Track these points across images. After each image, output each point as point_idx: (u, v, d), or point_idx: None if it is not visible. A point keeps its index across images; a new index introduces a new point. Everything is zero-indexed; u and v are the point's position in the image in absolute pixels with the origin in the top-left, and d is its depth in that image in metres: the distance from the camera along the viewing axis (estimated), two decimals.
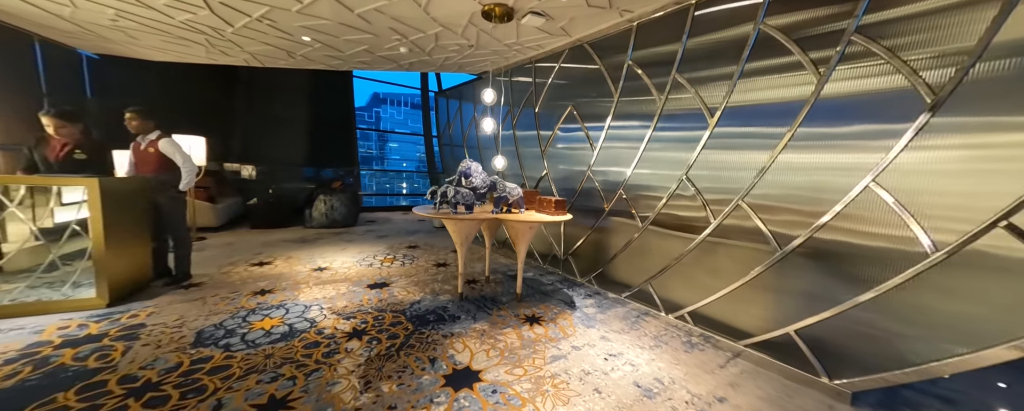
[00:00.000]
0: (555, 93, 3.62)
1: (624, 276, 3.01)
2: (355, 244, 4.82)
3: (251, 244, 4.55)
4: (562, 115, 3.52)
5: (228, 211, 5.41)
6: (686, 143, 2.39)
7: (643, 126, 2.70)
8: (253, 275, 3.34)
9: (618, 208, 2.98)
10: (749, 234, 2.06)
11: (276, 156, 7.29)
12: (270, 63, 4.39)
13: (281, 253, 4.17)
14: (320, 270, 3.59)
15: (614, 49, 2.93)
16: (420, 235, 5.69)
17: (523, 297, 3.00)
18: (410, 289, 3.14)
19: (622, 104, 2.88)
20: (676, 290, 2.55)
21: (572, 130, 3.44)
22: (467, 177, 2.92)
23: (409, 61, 4.24)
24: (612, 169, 3.01)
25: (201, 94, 6.33)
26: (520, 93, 4.14)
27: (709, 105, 2.23)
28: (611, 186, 3.03)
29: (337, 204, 5.73)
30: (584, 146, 3.28)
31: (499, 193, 2.71)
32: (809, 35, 1.79)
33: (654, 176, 2.65)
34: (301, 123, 7.71)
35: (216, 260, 3.78)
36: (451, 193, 2.59)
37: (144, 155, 2.93)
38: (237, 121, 6.86)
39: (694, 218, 2.38)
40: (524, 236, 2.78)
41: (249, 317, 2.44)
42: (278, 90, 7.30)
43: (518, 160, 4.21)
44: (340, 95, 8.65)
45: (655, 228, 2.67)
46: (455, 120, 5.60)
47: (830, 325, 1.75)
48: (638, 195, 2.80)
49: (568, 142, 3.51)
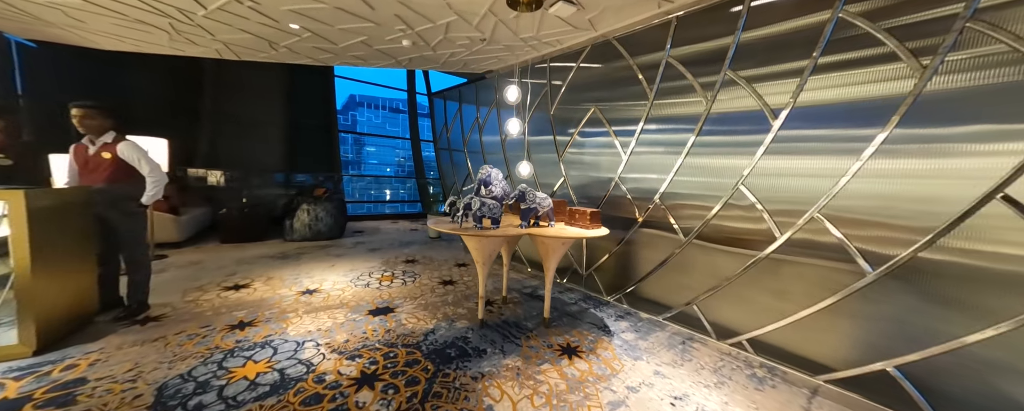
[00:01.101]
0: (574, 94, 3.33)
1: (660, 294, 2.73)
2: (345, 259, 4.32)
3: (222, 262, 3.97)
4: (583, 118, 3.23)
5: (194, 223, 4.76)
6: (741, 148, 2.14)
7: (685, 129, 2.44)
8: (228, 302, 2.82)
9: (653, 219, 2.71)
10: (826, 251, 1.82)
11: (249, 160, 6.63)
12: (247, 55, 3.87)
13: (260, 272, 3.63)
14: (309, 293, 3.10)
15: (647, 45, 2.68)
16: (416, 247, 5.23)
17: (550, 321, 2.65)
18: (419, 315, 2.72)
19: (658, 106, 2.61)
20: (729, 313, 2.28)
21: (595, 134, 3.15)
22: (487, 185, 2.57)
23: (409, 56, 3.84)
24: (646, 176, 2.74)
25: (160, 90, 5.63)
26: (533, 94, 3.83)
27: (772, 106, 1.99)
28: (644, 195, 2.75)
29: (322, 214, 5.19)
30: (610, 151, 2.99)
31: (528, 204, 2.37)
32: (905, 23, 1.57)
33: (699, 184, 2.39)
34: (277, 125, 7.08)
35: (180, 284, 3.21)
36: (477, 205, 2.22)
37: (95, 161, 2.38)
38: (203, 121, 6.17)
39: (750, 231, 2.12)
40: (556, 253, 2.45)
41: (227, 362, 1.97)
42: (251, 87, 6.67)
43: (530, 163, 3.88)
44: (320, 94, 8.07)
45: (699, 242, 2.40)
46: (454, 123, 5.21)
47: (939, 362, 1.51)
48: (677, 205, 2.53)
49: (590, 147, 3.22)
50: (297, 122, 7.39)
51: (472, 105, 4.88)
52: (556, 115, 3.53)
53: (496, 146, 4.43)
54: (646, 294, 2.84)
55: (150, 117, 5.43)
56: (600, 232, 2.33)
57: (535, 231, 2.30)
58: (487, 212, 2.24)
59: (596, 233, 2.32)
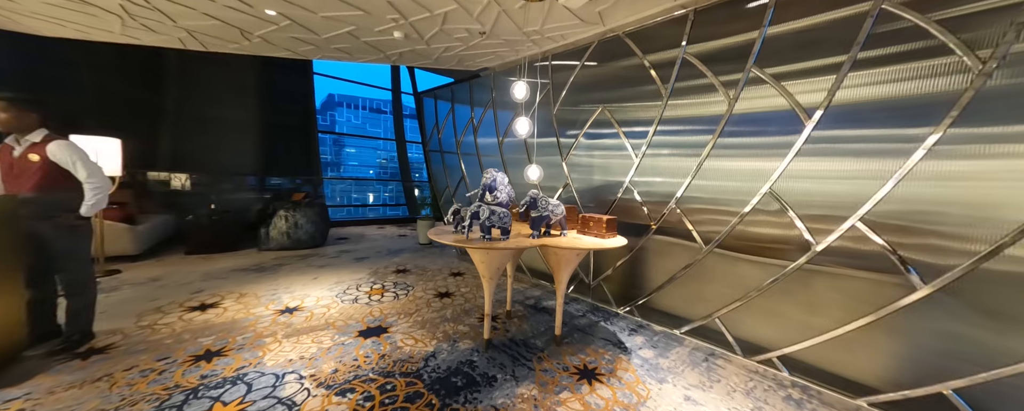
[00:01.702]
0: (579, 94, 3.14)
1: (675, 306, 2.56)
2: (329, 270, 3.97)
3: (187, 277, 3.54)
4: (589, 119, 3.04)
5: (153, 233, 4.28)
6: (768, 150, 2.00)
7: (704, 131, 2.29)
8: (192, 326, 2.45)
9: (668, 226, 2.54)
10: (867, 261, 1.69)
11: (218, 163, 6.12)
12: (216, 46, 3.48)
13: (231, 288, 3.24)
14: (289, 312, 2.76)
15: (661, 41, 2.52)
16: (406, 255, 4.91)
17: (562, 338, 2.44)
18: (417, 335, 2.45)
19: (674, 106, 2.46)
20: (755, 328, 2.13)
21: (602, 136, 2.97)
22: (492, 191, 2.34)
23: (399, 51, 3.56)
24: (660, 180, 2.57)
25: (114, 85, 5.09)
26: (531, 94, 3.61)
27: (804, 105, 1.86)
28: (658, 200, 2.59)
29: (302, 220, 4.80)
30: (620, 154, 2.82)
31: (540, 211, 2.15)
32: (959, 14, 1.46)
33: (721, 189, 2.24)
34: (250, 124, 6.58)
35: (135, 305, 2.80)
36: (485, 214, 1.98)
37: (21, 165, 1.99)
38: (166, 120, 5.63)
39: (779, 239, 1.98)
40: (570, 264, 2.23)
41: (189, 406, 1.64)
42: (220, 84, 6.17)
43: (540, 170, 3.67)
44: (298, 92, 7.62)
45: (721, 251, 2.25)
46: (446, 123, 4.94)
47: (1006, 387, 1.39)
48: (695, 210, 2.38)
49: (597, 149, 3.04)
50: (272, 122, 6.91)
51: (465, 105, 4.63)
52: (558, 116, 3.34)
53: (492, 148, 4.20)
54: (660, 305, 2.67)
55: (102, 115, 4.89)
56: (618, 242, 2.14)
57: (549, 242, 2.08)
58: (497, 221, 2.00)
59: (614, 243, 2.13)
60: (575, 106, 3.18)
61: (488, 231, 2.02)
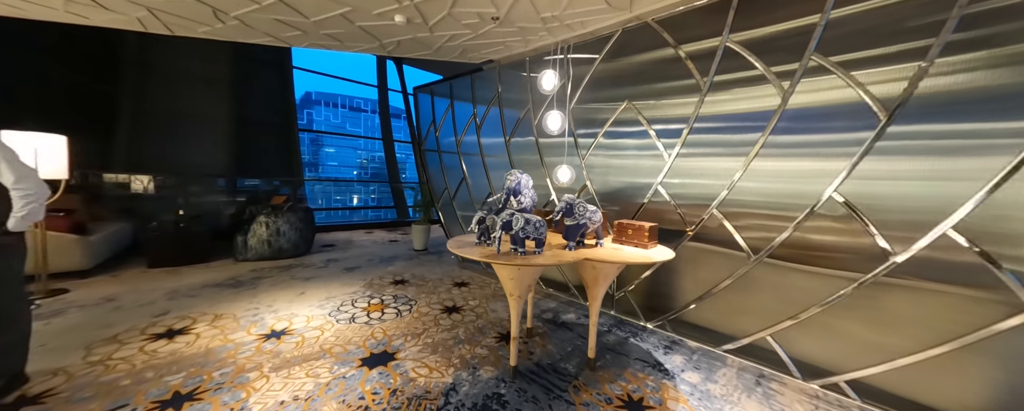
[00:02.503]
0: (600, 88, 2.89)
1: (714, 320, 2.34)
2: (317, 283, 3.56)
3: (149, 295, 3.06)
4: (611, 116, 2.79)
5: (108, 243, 3.74)
6: (832, 148, 1.80)
7: (751, 128, 2.07)
8: (156, 360, 2.03)
9: (706, 232, 2.32)
10: (960, 274, 1.50)
11: (187, 163, 5.54)
12: (183, 29, 3.02)
13: (203, 308, 2.80)
14: (276, 337, 2.37)
15: (698, 28, 2.29)
16: (401, 263, 4.53)
17: (596, 362, 2.16)
18: (430, 362, 2.12)
19: (714, 101, 2.23)
20: (814, 346, 1.93)
21: (627, 134, 2.73)
22: (516, 195, 2.05)
23: (397, 39, 3.21)
24: (696, 182, 2.34)
25: (58, 73, 4.47)
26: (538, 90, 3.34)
27: (879, 97, 1.66)
28: (694, 203, 2.36)
29: (284, 227, 4.34)
30: (649, 153, 2.58)
31: (577, 218, 1.86)
32: None
33: (771, 191, 2.03)
34: (223, 121, 6.01)
35: (84, 334, 2.34)
36: (519, 223, 1.68)
37: None
38: (123, 115, 5.02)
39: (843, 247, 1.78)
40: (608, 279, 1.97)
41: None
42: (188, 76, 5.58)
43: (544, 169, 3.39)
44: (276, 87, 7.07)
45: (771, 260, 2.04)
46: (445, 122, 4.59)
47: None
48: (739, 214, 2.16)
49: (621, 149, 2.79)
50: (247, 118, 6.35)
51: (466, 102, 4.30)
52: (575, 112, 3.07)
53: (497, 148, 3.89)
54: (695, 319, 2.44)
55: (42, 108, 4.27)
56: (665, 254, 1.88)
57: (592, 255, 1.80)
58: (532, 232, 1.70)
59: (660, 255, 1.87)
60: (594, 103, 2.93)
61: (521, 243, 1.72)
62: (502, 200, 2.09)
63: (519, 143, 3.68)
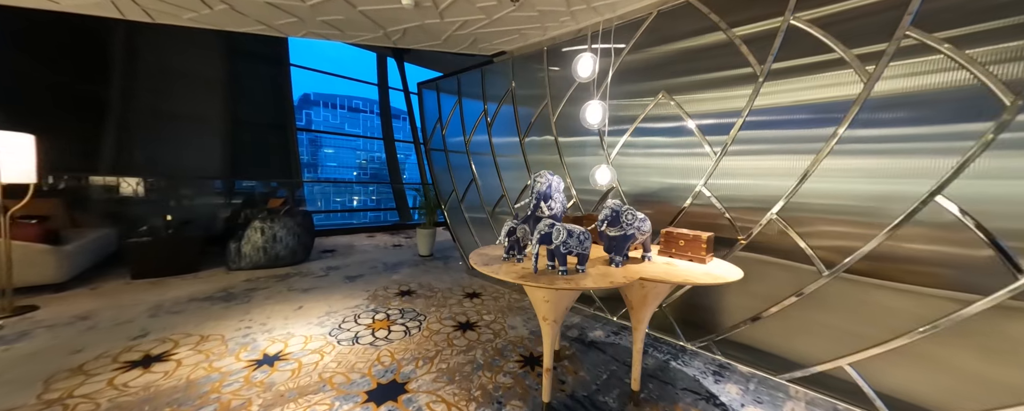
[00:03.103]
0: (629, 80, 2.59)
1: (773, 342, 2.04)
2: (316, 295, 3.25)
3: (129, 312, 2.75)
4: (642, 113, 2.49)
5: (87, 253, 3.42)
6: (933, 143, 1.50)
7: (822, 120, 1.77)
8: (126, 396, 1.73)
9: (762, 240, 2.02)
10: None
11: (176, 164, 5.23)
12: (165, 15, 2.72)
13: (188, 327, 2.50)
14: (268, 363, 2.06)
15: (751, 6, 1.99)
16: (406, 270, 4.23)
17: (640, 394, 1.86)
18: (448, 395, 1.81)
19: (773, 91, 1.93)
20: (910, 380, 1.62)
21: (660, 131, 2.43)
22: (546, 200, 1.75)
23: (403, 27, 2.91)
24: (750, 183, 2.04)
25: (29, 67, 4.16)
26: (563, 83, 3.05)
27: (1005, 79, 1.36)
28: (747, 207, 2.06)
29: (281, 232, 4.03)
30: (691, 151, 2.28)
31: (625, 228, 1.56)
32: None
33: (848, 194, 1.73)
34: (216, 120, 5.71)
35: (46, 363, 2.03)
36: (561, 236, 1.37)
37: None
38: (109, 114, 4.72)
39: (951, 261, 1.48)
40: (659, 298, 1.67)
41: None
42: (178, 72, 5.28)
43: (564, 169, 3.09)
44: (273, 84, 6.78)
45: (849, 274, 1.74)
46: (452, 119, 4.29)
47: None
48: (806, 220, 1.86)
49: (654, 147, 2.49)
50: (243, 117, 6.05)
51: (475, 99, 4.00)
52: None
53: (510, 147, 3.59)
54: (747, 339, 2.14)
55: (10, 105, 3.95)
56: (732, 272, 1.57)
57: (648, 273, 1.49)
58: (575, 246, 1.40)
59: (726, 273, 1.56)
60: (622, 98, 2.63)
61: (562, 260, 1.42)
62: (530, 206, 1.79)
63: (534, 142, 3.38)
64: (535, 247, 1.41)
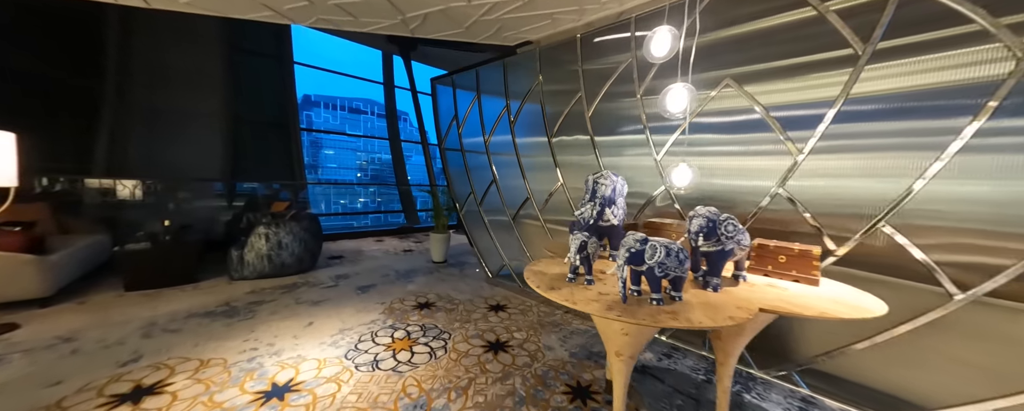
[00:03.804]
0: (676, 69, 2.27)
1: (876, 376, 1.72)
2: (327, 308, 2.95)
3: (120, 330, 2.46)
4: (698, 107, 2.17)
5: (78, 262, 3.14)
6: None
7: (951, 108, 1.46)
8: None
9: (863, 253, 1.70)
10: None
11: (176, 166, 4.95)
12: (159, 0, 2.43)
13: (186, 349, 2.20)
14: (277, 395, 1.76)
15: None
16: (420, 278, 3.93)
17: None
18: None
19: (876, 76, 1.62)
20: None
21: (719, 126, 2.12)
22: (611, 205, 1.44)
23: (424, 12, 2.61)
24: (846, 184, 1.73)
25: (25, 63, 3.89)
26: (597, 76, 2.74)
27: None
28: (842, 213, 1.74)
29: (287, 239, 3.74)
30: (765, 148, 1.96)
31: (724, 242, 1.25)
32: None
33: (993, 199, 1.41)
34: (217, 119, 5.43)
35: (18, 396, 1.73)
36: (656, 255, 1.06)
37: None
38: (104, 111, 4.44)
39: None
40: (755, 330, 1.35)
41: None
42: (177, 69, 5.00)
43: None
44: (276, 82, 6.51)
45: (992, 299, 1.42)
46: (470, 116, 3.99)
47: None
48: (928, 230, 1.54)
49: (714, 145, 2.17)
50: (244, 116, 5.78)
51: (495, 96, 3.70)
52: (645, 101, 2.46)
53: (537, 147, 3.29)
54: (837, 370, 1.82)
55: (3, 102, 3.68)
56: (875, 305, 1.23)
57: (770, 304, 1.16)
58: (674, 267, 1.08)
59: (869, 306, 1.23)
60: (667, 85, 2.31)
61: (656, 285, 1.10)
62: (591, 214, 1.48)
63: (564, 142, 3.07)
64: (621, 269, 1.10)
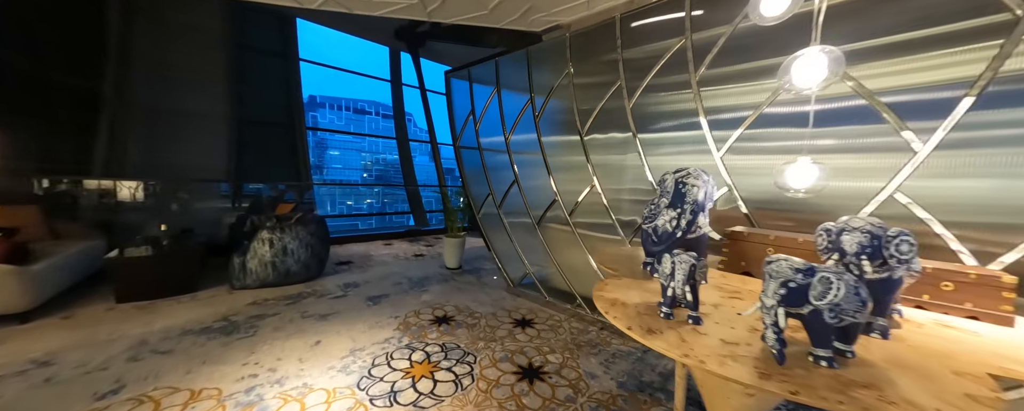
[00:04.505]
0: (735, 56, 1.95)
1: None
2: (336, 324, 2.66)
3: (105, 349, 2.17)
4: (766, 99, 1.84)
5: (66, 271, 2.86)
6: None
7: None
8: None
9: None
10: None
11: (176, 166, 4.69)
12: None
13: (178, 375, 1.91)
14: None
15: None
16: (435, 287, 3.63)
17: None
18: None
19: None
20: None
21: (795, 118, 1.78)
22: (701, 212, 1.12)
23: None
24: (1001, 186, 1.39)
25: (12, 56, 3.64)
26: (638, 67, 2.42)
27: None
28: (991, 224, 1.41)
29: (293, 244, 3.45)
30: (870, 142, 1.63)
31: (893, 267, 0.92)
32: None
33: None
34: (220, 117, 5.17)
35: None
36: (837, 293, 0.73)
37: None
38: (102, 109, 4.18)
39: None
40: None
41: None
42: (178, 64, 4.74)
43: (645, 171, 2.45)
44: (281, 80, 6.25)
45: None
46: (488, 113, 3.68)
47: None
48: None
49: (787, 140, 1.84)
50: (248, 115, 5.51)
51: (517, 91, 3.39)
52: (703, 92, 2.14)
53: (563, 145, 2.97)
54: None
55: None
56: None
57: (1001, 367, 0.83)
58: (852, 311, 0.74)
59: None
60: (727, 81, 1.99)
61: (823, 338, 0.77)
62: (680, 224, 1.16)
63: (597, 141, 2.75)
64: (772, 312, 0.78)
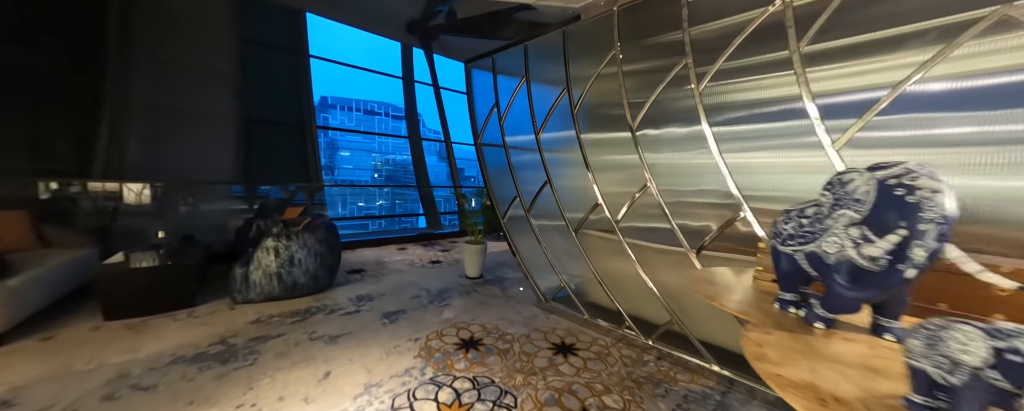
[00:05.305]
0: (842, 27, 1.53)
1: None
2: (347, 348, 2.29)
3: (76, 386, 1.84)
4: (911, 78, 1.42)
5: (46, 285, 2.55)
6: None
7: None
8: None
9: None
10: None
11: (179, 167, 4.41)
12: None
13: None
14: None
15: None
16: (457, 300, 3.26)
17: None
18: None
19: None
20: None
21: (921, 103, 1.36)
22: (949, 236, 0.69)
23: None
24: None
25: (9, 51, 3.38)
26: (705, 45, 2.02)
27: None
28: None
29: (300, 253, 3.11)
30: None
31: None
32: None
33: None
34: (226, 116, 4.88)
35: None
36: None
37: None
38: (103, 110, 3.92)
39: None
40: None
41: None
42: (182, 60, 4.47)
43: (726, 174, 2.03)
44: (290, 77, 5.97)
45: None
46: (514, 107, 3.31)
47: None
48: None
49: (931, 127, 1.42)
50: (256, 113, 5.23)
51: (546, 84, 3.01)
52: (809, 73, 1.72)
53: (603, 143, 2.58)
54: None
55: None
56: None
57: None
58: None
59: None
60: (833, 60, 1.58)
61: None
62: (912, 255, 0.74)
63: (648, 136, 2.35)
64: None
